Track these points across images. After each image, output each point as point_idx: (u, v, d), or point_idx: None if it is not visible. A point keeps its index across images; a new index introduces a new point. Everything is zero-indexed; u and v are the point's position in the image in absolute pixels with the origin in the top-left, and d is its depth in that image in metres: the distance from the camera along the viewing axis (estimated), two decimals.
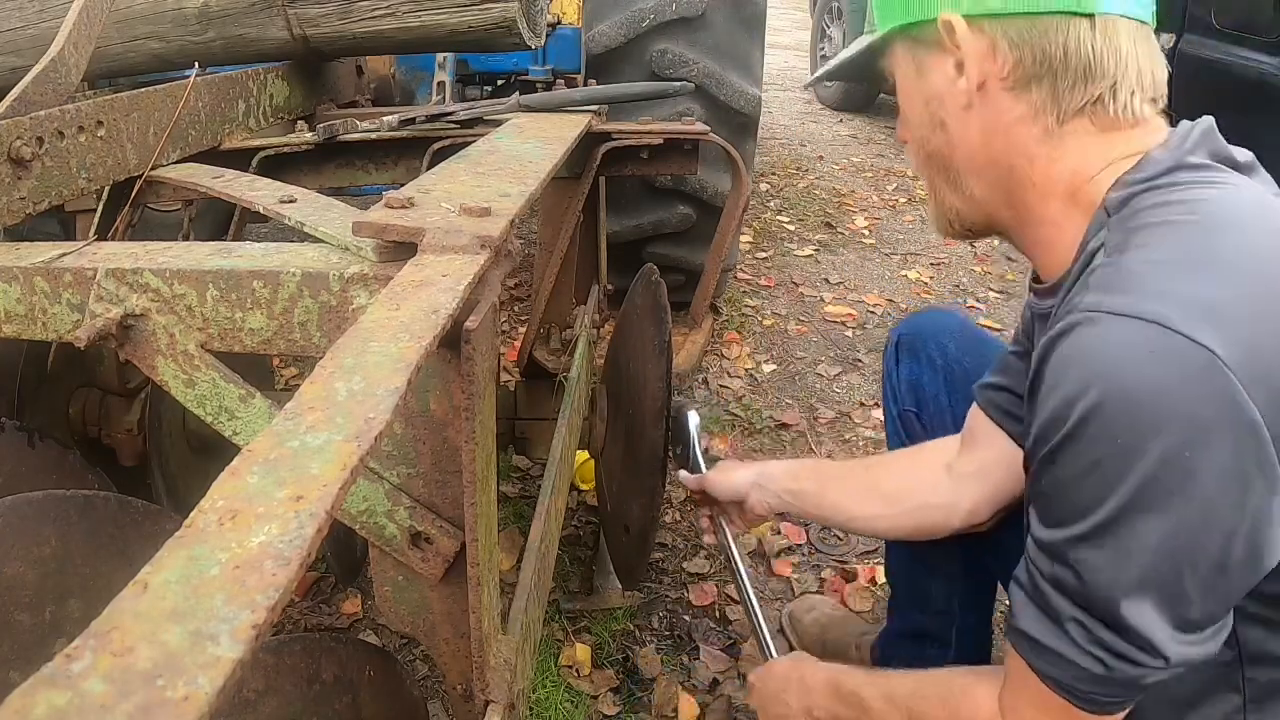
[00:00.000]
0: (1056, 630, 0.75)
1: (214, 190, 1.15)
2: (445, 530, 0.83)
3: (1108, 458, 0.66)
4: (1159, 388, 0.64)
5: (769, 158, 5.08)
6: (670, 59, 2.42)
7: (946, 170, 0.86)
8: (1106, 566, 0.69)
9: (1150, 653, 0.71)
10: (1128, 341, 0.65)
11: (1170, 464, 0.64)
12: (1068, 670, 0.75)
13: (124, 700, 0.31)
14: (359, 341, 0.57)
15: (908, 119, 0.88)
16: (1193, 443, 0.64)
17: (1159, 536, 0.67)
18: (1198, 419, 0.63)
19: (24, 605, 0.85)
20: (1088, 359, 0.67)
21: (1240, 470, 0.64)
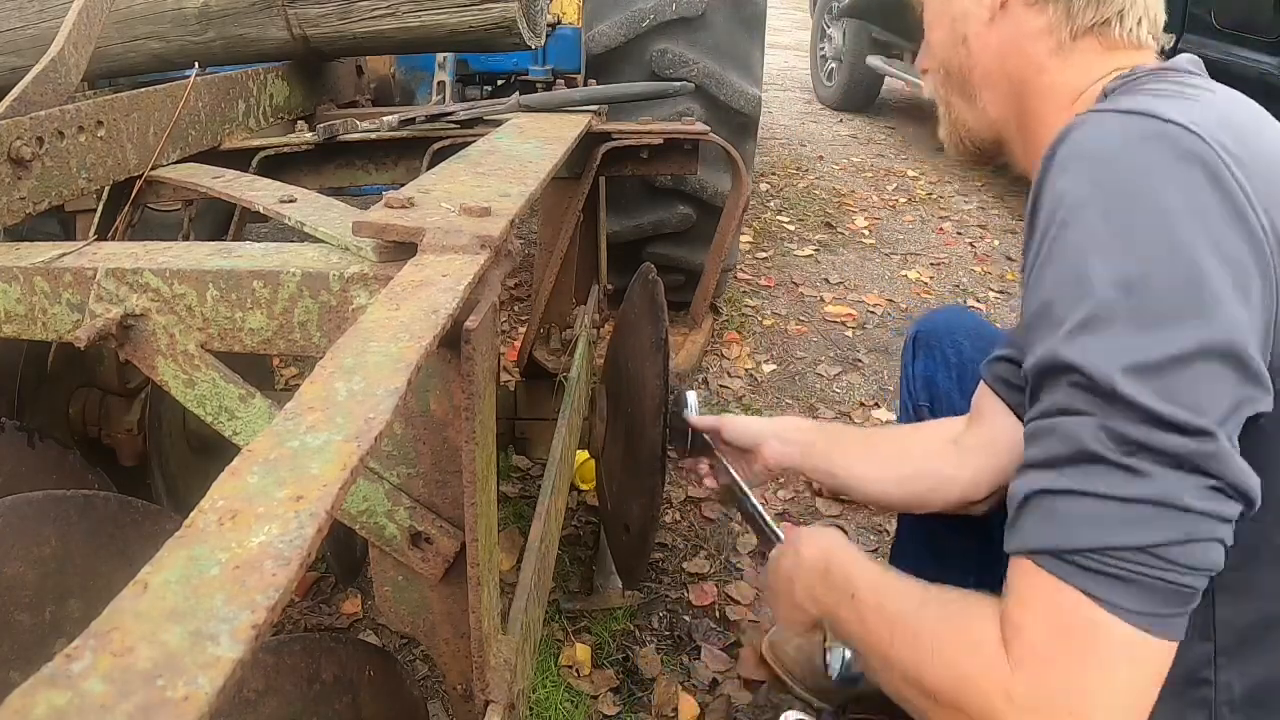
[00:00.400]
0: (1070, 466, 0.66)
1: (214, 190, 1.15)
2: (445, 530, 0.83)
3: (1089, 232, 0.67)
4: (1147, 161, 0.67)
5: (769, 158, 5.08)
6: (670, 59, 2.42)
7: (964, 86, 0.92)
8: (1108, 351, 0.65)
9: (1190, 434, 0.63)
10: (1115, 127, 0.70)
11: (1149, 240, 0.65)
12: (1088, 522, 0.64)
13: (124, 700, 0.31)
14: (359, 341, 0.57)
15: (931, 43, 0.95)
16: (1179, 211, 0.65)
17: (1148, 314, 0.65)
18: (1182, 188, 0.66)
19: (24, 605, 0.85)
20: (1075, 148, 0.71)
21: (1219, 229, 0.65)
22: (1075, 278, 0.67)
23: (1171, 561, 0.64)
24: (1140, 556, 0.64)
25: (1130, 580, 0.64)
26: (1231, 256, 0.65)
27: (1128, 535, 0.63)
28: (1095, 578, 0.64)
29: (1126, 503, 0.64)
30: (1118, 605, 0.64)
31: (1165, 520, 0.63)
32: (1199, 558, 0.64)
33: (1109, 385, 0.64)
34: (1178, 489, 0.63)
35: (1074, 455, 0.66)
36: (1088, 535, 0.64)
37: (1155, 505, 0.63)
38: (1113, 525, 0.64)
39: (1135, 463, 0.64)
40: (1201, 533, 0.64)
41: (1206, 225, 0.65)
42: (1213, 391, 0.64)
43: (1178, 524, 0.63)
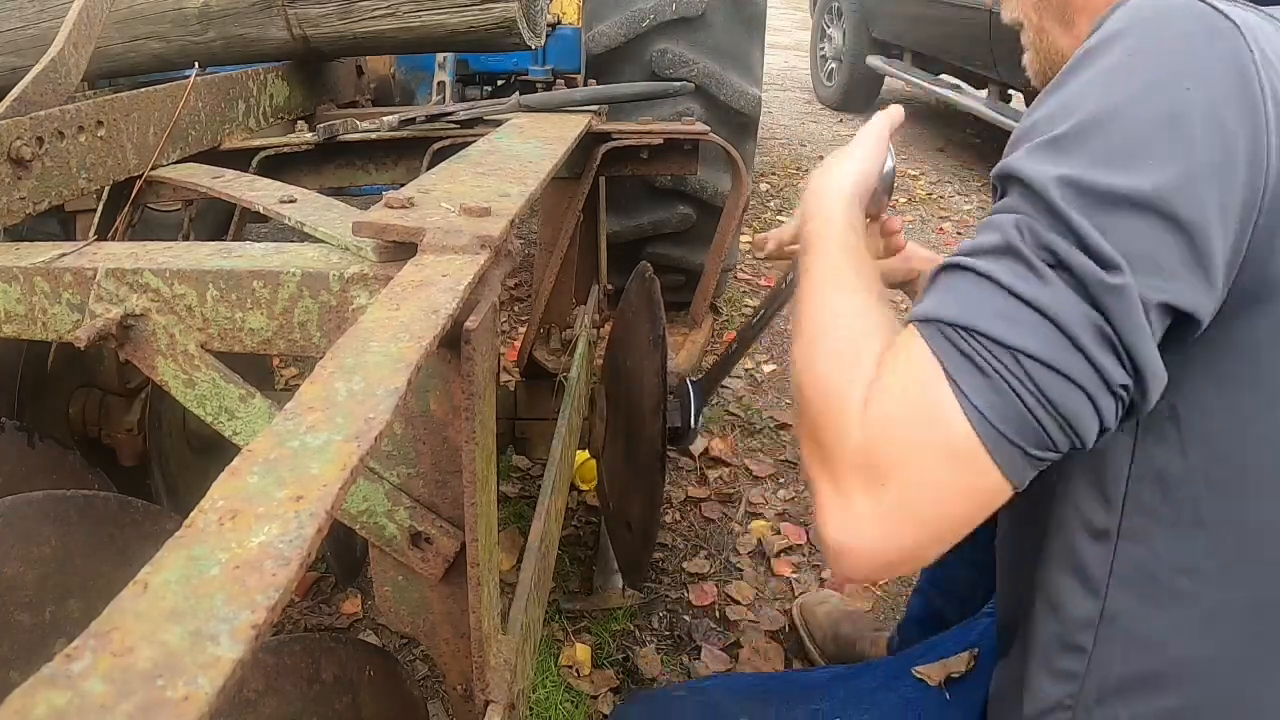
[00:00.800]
0: (992, 252, 0.63)
1: (214, 190, 1.15)
2: (445, 530, 0.83)
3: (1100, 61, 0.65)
4: (1190, 30, 0.63)
5: (769, 158, 5.08)
6: (670, 59, 2.42)
7: (1064, 10, 0.86)
8: (1064, 166, 0.62)
9: (1099, 260, 0.60)
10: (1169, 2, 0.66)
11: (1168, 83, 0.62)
12: (979, 301, 0.61)
13: (124, 700, 0.31)
14: (359, 341, 0.57)
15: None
16: (1196, 77, 0.62)
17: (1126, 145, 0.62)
18: (1206, 58, 0.62)
19: (24, 605, 0.85)
20: (1126, 4, 0.68)
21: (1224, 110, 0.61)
22: (1065, 105, 0.66)
23: (1035, 382, 0.59)
24: (1005, 355, 0.60)
25: (986, 373, 0.60)
26: (1223, 138, 0.61)
27: (1001, 328, 0.60)
28: (955, 354, 0.61)
29: (1015, 298, 0.60)
30: (964, 391, 0.60)
31: (1044, 333, 0.59)
32: (1063, 399, 0.60)
33: (1043, 191, 0.61)
34: (1069, 311, 0.59)
35: (995, 245, 0.63)
36: (966, 311, 0.61)
37: (1040, 314, 0.60)
38: (991, 312, 0.61)
39: (1042, 268, 0.60)
40: (1078, 374, 0.59)
41: (1211, 100, 0.61)
42: (1143, 246, 0.60)
43: (1054, 346, 0.59)
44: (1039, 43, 0.90)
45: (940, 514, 0.61)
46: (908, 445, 0.61)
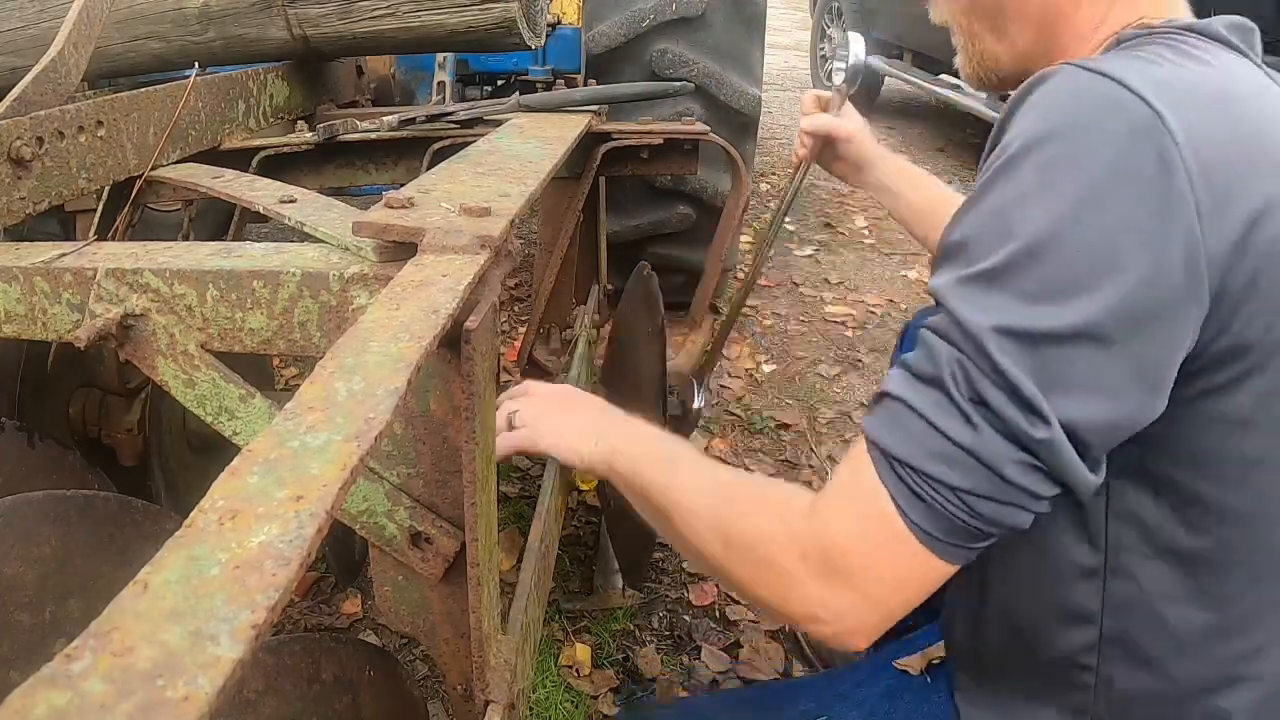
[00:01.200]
0: (928, 389, 0.68)
1: (214, 190, 1.15)
2: (445, 530, 0.83)
3: (1027, 182, 0.67)
4: (1108, 132, 0.65)
5: (769, 158, 5.08)
6: (670, 59, 2.42)
7: (995, 18, 0.89)
8: (993, 306, 0.66)
9: (1030, 411, 0.64)
10: (1095, 91, 0.67)
11: (1089, 204, 0.64)
12: (917, 442, 0.68)
13: (124, 700, 0.31)
14: (359, 341, 0.57)
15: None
16: (1119, 190, 0.64)
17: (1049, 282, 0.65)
18: (1128, 163, 0.64)
19: (24, 605, 0.85)
20: (1050, 91, 0.70)
21: (1150, 221, 0.63)
22: (993, 228, 0.68)
23: (972, 509, 0.67)
24: (945, 491, 0.67)
25: (929, 504, 0.68)
26: (1153, 251, 0.64)
27: (939, 469, 0.67)
28: (902, 486, 0.69)
29: (951, 443, 0.67)
30: (910, 517, 0.69)
31: (978, 475, 0.66)
32: (1000, 517, 0.68)
33: (979, 340, 0.66)
34: (999, 456, 0.65)
35: (932, 379, 0.69)
36: (910, 452, 0.68)
37: (974, 458, 0.66)
38: (929, 454, 0.67)
39: (973, 414, 0.66)
40: (1011, 499, 0.67)
41: (1137, 213, 0.64)
42: (1082, 375, 0.65)
43: (988, 482, 0.66)
44: (970, 47, 0.93)
45: (904, 597, 0.72)
46: (865, 561, 0.70)
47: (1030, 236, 0.65)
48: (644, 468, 0.89)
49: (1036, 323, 0.64)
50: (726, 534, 0.78)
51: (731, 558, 0.78)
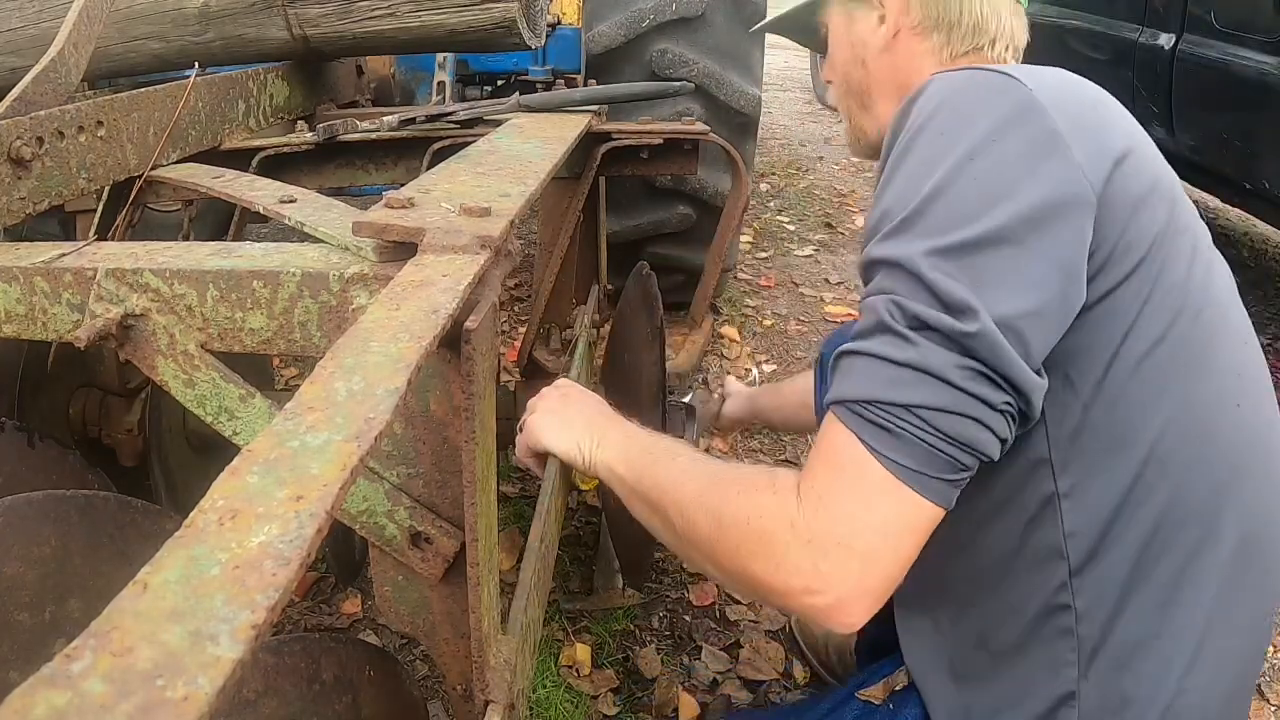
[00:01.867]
0: (870, 333, 0.76)
1: (214, 190, 1.15)
2: (445, 530, 0.83)
3: (919, 146, 0.79)
4: (980, 96, 0.80)
5: (769, 158, 5.08)
6: (670, 59, 2.42)
7: (863, 97, 1.07)
8: (913, 240, 0.75)
9: (961, 312, 0.71)
10: (961, 76, 0.82)
11: (980, 147, 0.76)
12: (869, 377, 0.74)
13: (124, 700, 0.31)
14: (359, 341, 0.57)
15: (834, 62, 1.09)
16: (1001, 133, 0.76)
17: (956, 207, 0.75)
18: (1008, 118, 0.77)
19: (24, 605, 0.85)
20: (925, 93, 0.83)
21: (1038, 150, 0.75)
22: (904, 192, 0.78)
23: (933, 426, 0.72)
24: (902, 413, 0.72)
25: (893, 432, 0.72)
26: (1040, 164, 0.75)
27: (892, 392, 0.72)
28: (866, 424, 0.73)
29: (897, 365, 0.72)
30: (880, 451, 0.72)
31: (927, 387, 0.72)
32: (960, 431, 0.72)
33: (913, 268, 0.74)
34: (941, 362, 0.71)
35: (873, 326, 0.76)
36: (862, 388, 0.74)
37: (919, 371, 0.72)
38: (882, 382, 0.73)
39: (912, 334, 0.72)
40: (964, 408, 0.72)
41: (1022, 141, 0.76)
42: (1003, 273, 0.73)
43: (938, 393, 0.72)
44: (849, 122, 1.11)
45: (894, 546, 0.73)
46: (850, 511, 0.73)
47: (934, 185, 0.76)
48: (642, 467, 0.91)
49: (955, 237, 0.73)
50: (719, 514, 0.80)
51: (724, 538, 0.79)
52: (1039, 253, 0.74)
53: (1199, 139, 3.20)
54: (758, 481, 0.80)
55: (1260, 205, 3.08)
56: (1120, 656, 0.83)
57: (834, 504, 0.73)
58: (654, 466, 0.90)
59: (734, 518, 0.79)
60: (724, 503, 0.80)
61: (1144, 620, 0.83)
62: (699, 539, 0.83)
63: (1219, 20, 3.02)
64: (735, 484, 0.81)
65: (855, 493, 0.73)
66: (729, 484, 0.82)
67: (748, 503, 0.78)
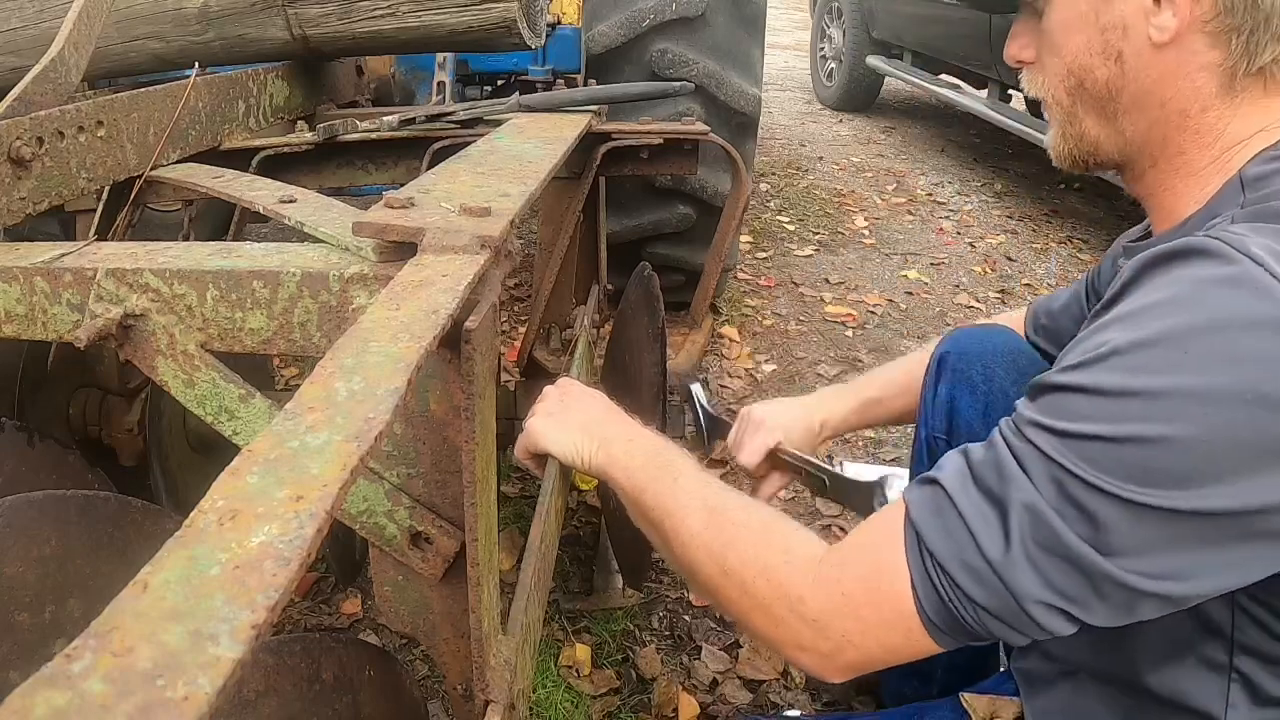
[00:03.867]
0: (984, 502, 0.68)
1: (214, 190, 1.15)
2: (445, 530, 0.83)
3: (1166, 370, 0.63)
4: (1244, 325, 0.62)
5: (769, 158, 5.08)
6: (670, 59, 2.42)
7: (1105, 103, 0.82)
8: (1108, 463, 0.64)
9: (1111, 582, 0.65)
10: (1232, 275, 0.63)
11: (1227, 398, 0.61)
12: (954, 545, 0.68)
13: (124, 700, 0.31)
14: (359, 341, 0.57)
15: (1060, 46, 0.83)
16: (1257, 393, 0.60)
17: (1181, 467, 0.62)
18: (1271, 371, 0.61)
19: (24, 605, 0.85)
20: (1186, 277, 0.65)
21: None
22: (1123, 396, 0.64)
23: (983, 623, 0.69)
24: (965, 599, 0.69)
25: (943, 600, 0.70)
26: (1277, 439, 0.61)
27: (966, 580, 0.68)
28: (925, 578, 0.70)
29: (983, 559, 0.67)
30: (922, 602, 0.70)
31: (1000, 599, 0.67)
32: (1004, 635, 0.70)
33: (1082, 482, 0.64)
34: (1028, 594, 0.66)
35: (990, 496, 0.68)
36: (946, 551, 0.69)
37: (1002, 584, 0.67)
38: (964, 566, 0.68)
39: (1019, 550, 0.66)
40: (1023, 628, 0.69)
41: (1264, 410, 0.61)
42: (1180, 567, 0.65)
43: (1009, 610, 0.68)
44: (1068, 127, 0.86)
45: (892, 659, 0.74)
46: (864, 620, 0.72)
47: (1155, 425, 0.62)
48: (643, 480, 0.89)
49: (1157, 499, 0.62)
50: (722, 560, 0.79)
51: (726, 585, 0.79)
52: (1232, 550, 0.64)
53: None
54: (770, 539, 0.78)
55: None
56: None
57: (852, 605, 0.72)
58: (655, 484, 0.87)
59: (739, 572, 0.77)
60: (728, 549, 0.79)
61: None
62: (698, 574, 0.82)
63: None
64: (743, 531, 0.79)
65: (877, 609, 0.72)
66: (735, 529, 0.80)
67: (755, 560, 0.77)
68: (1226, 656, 0.76)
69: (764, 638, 0.78)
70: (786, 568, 0.75)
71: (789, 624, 0.75)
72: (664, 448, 0.93)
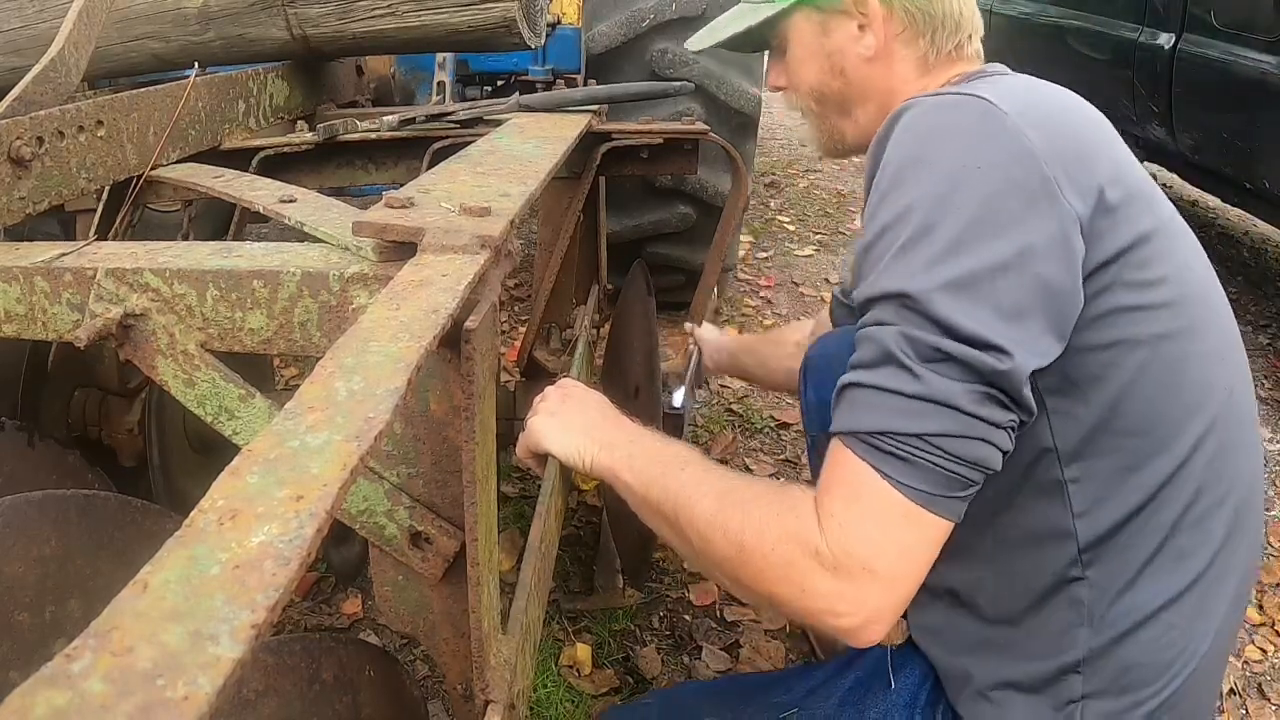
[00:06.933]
0: (875, 365, 0.78)
1: (214, 190, 1.15)
2: (445, 530, 0.83)
3: (910, 178, 0.81)
4: (951, 122, 0.83)
5: (769, 158, 5.08)
6: (670, 59, 2.42)
7: (842, 105, 1.07)
8: (918, 272, 0.77)
9: (987, 348, 0.74)
10: (933, 102, 0.85)
11: (957, 176, 0.79)
12: (879, 411, 0.76)
13: (124, 700, 0.31)
14: (359, 341, 0.57)
15: (799, 71, 1.07)
16: (975, 160, 0.79)
17: (955, 238, 0.77)
18: (998, 146, 0.79)
19: (24, 605, 0.85)
20: (910, 118, 0.85)
21: (1023, 190, 0.78)
22: (898, 215, 0.80)
23: (945, 451, 0.75)
24: (916, 442, 0.75)
25: (908, 460, 0.75)
26: (1023, 183, 0.78)
27: (905, 423, 0.75)
28: (881, 455, 0.76)
29: (907, 397, 0.75)
30: (897, 480, 0.75)
31: (940, 415, 0.75)
32: (970, 452, 0.76)
33: (925, 302, 0.76)
34: (952, 391, 0.74)
35: (879, 357, 0.78)
36: (875, 420, 0.76)
37: (932, 403, 0.75)
38: (895, 414, 0.76)
39: (922, 366, 0.75)
40: (974, 431, 0.75)
41: (1002, 159, 0.78)
42: (1018, 301, 0.76)
43: (951, 420, 0.75)
44: (821, 126, 1.10)
45: (914, 565, 0.77)
46: (872, 538, 0.76)
47: (936, 208, 0.78)
48: (650, 477, 0.90)
49: (962, 267, 0.76)
50: (739, 539, 0.81)
51: (746, 562, 0.80)
52: (1044, 282, 0.77)
53: (1199, 139, 3.20)
54: (775, 505, 0.80)
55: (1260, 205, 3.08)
56: (1126, 626, 0.86)
57: (856, 532, 0.75)
58: (663, 478, 0.89)
59: (755, 545, 0.80)
60: (743, 527, 0.81)
61: (1150, 591, 0.86)
62: (717, 559, 0.84)
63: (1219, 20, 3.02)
64: (752, 506, 0.82)
65: (876, 520, 0.76)
66: (745, 505, 0.82)
67: (768, 529, 0.79)
68: (1058, 470, 0.85)
69: (797, 609, 0.79)
70: (797, 523, 0.78)
71: (816, 582, 0.76)
72: (667, 444, 0.95)
